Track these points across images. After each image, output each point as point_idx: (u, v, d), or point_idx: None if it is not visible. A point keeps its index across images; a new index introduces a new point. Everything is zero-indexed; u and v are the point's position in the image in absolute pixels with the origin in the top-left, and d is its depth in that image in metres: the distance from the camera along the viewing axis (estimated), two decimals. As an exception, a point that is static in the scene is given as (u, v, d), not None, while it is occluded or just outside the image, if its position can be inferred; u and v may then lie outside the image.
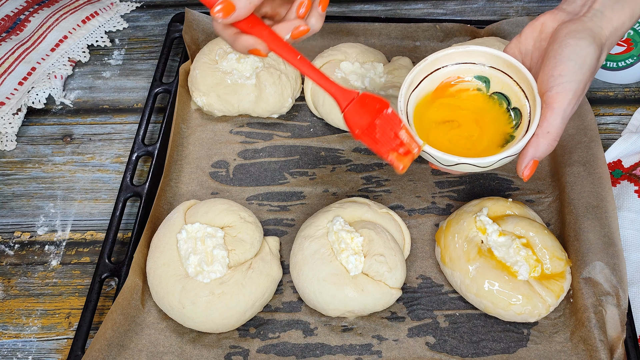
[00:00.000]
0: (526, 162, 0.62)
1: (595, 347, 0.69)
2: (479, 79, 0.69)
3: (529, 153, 0.62)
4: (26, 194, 0.89)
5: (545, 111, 0.61)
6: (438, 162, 0.63)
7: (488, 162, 0.62)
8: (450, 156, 0.61)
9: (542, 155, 0.62)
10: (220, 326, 0.72)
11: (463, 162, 0.62)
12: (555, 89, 0.60)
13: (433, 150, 0.62)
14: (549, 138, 0.61)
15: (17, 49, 1.01)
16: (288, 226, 0.82)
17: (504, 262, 0.73)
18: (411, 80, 0.67)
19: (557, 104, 0.60)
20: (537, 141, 0.61)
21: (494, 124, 0.67)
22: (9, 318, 0.78)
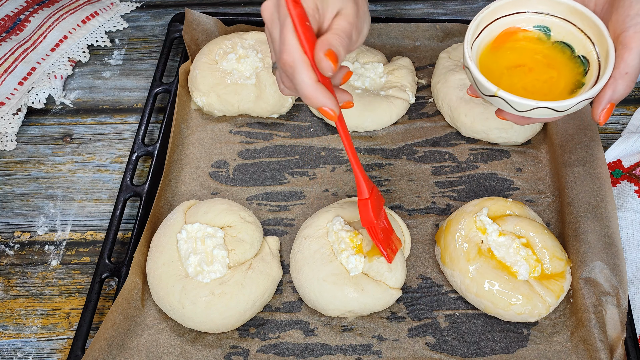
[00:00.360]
0: (603, 105, 0.60)
1: (595, 347, 0.69)
2: (538, 28, 0.67)
3: (607, 96, 0.60)
4: (26, 194, 0.89)
5: (621, 52, 0.60)
6: (513, 107, 0.61)
7: (566, 105, 0.60)
8: (527, 100, 0.60)
9: (619, 98, 0.60)
10: (220, 326, 0.72)
11: (541, 106, 0.60)
12: (633, 29, 0.59)
13: (508, 95, 0.60)
14: (627, 79, 0.59)
15: (17, 49, 1.01)
16: (288, 226, 0.82)
17: (504, 262, 0.73)
18: (475, 27, 0.66)
19: (635, 44, 0.59)
20: (614, 83, 0.60)
21: (561, 71, 0.66)
22: (9, 318, 0.78)
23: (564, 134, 0.84)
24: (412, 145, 0.89)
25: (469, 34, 0.65)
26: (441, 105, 0.90)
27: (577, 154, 0.81)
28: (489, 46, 0.68)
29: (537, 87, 0.65)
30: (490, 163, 0.87)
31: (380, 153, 0.88)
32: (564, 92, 0.64)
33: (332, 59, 0.57)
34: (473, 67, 0.62)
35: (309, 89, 0.59)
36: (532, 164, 0.86)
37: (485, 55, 0.67)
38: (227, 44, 0.93)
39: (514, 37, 0.68)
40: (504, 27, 0.68)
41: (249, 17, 1.01)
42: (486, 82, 0.61)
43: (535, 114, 0.61)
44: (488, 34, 0.67)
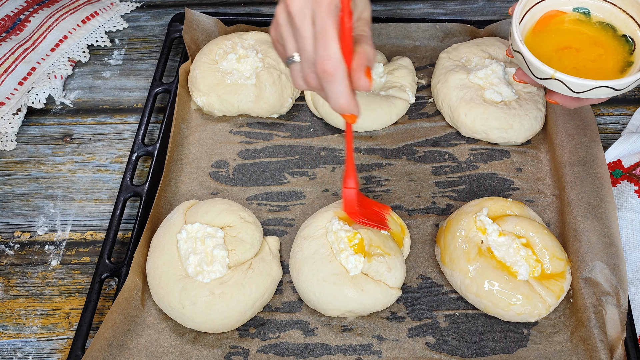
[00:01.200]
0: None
1: (595, 347, 0.69)
2: (577, 11, 0.67)
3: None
4: (26, 194, 0.89)
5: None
6: (570, 89, 0.61)
7: (625, 83, 0.59)
8: (586, 80, 0.59)
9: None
10: (220, 326, 0.72)
11: (600, 86, 0.59)
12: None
13: (566, 77, 0.60)
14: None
15: (17, 49, 1.01)
16: (288, 226, 0.82)
17: (504, 262, 0.73)
18: (520, 11, 0.65)
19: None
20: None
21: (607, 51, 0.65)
22: (9, 318, 0.78)
23: (564, 134, 0.84)
24: (412, 145, 0.89)
25: (515, 16, 0.64)
26: (441, 105, 0.90)
27: (577, 154, 0.81)
28: (532, 30, 0.67)
29: (587, 67, 0.64)
30: (490, 163, 0.87)
31: (380, 153, 0.88)
32: (614, 70, 0.64)
33: (369, 77, 0.57)
34: (525, 50, 0.62)
35: (345, 99, 0.59)
36: (532, 164, 0.86)
37: (529, 39, 0.67)
38: (227, 44, 0.93)
39: (555, 19, 0.68)
40: (545, 11, 0.67)
41: (249, 17, 1.01)
42: (542, 65, 0.61)
43: (593, 94, 0.61)
44: (530, 17, 0.67)
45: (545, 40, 0.67)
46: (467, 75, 0.89)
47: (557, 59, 0.66)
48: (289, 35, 0.61)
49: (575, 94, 0.61)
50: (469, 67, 0.91)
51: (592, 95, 0.61)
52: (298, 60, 0.62)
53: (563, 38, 0.67)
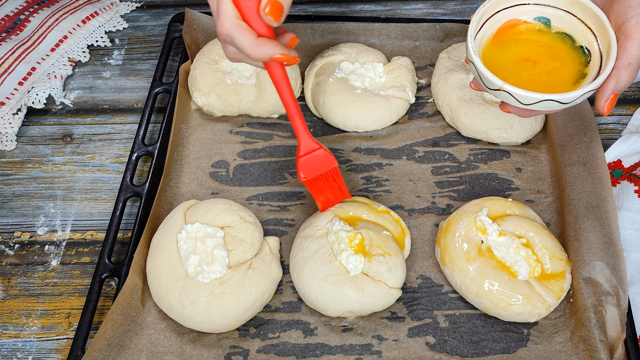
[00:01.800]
0: (607, 96, 0.61)
1: (595, 347, 0.69)
2: (539, 20, 0.67)
3: (610, 87, 0.60)
4: (26, 194, 0.89)
5: (623, 43, 0.60)
6: (517, 101, 0.62)
7: (570, 97, 0.60)
8: (532, 93, 0.60)
9: (622, 88, 0.61)
10: (220, 326, 0.72)
11: (546, 99, 0.60)
12: (635, 19, 0.59)
13: (514, 89, 0.60)
14: (630, 69, 0.60)
15: (17, 49, 1.01)
16: (288, 226, 0.82)
17: (504, 262, 0.73)
18: (477, 21, 0.66)
19: (637, 34, 0.59)
20: (617, 74, 0.60)
21: (563, 62, 0.66)
22: (9, 318, 0.78)
23: (564, 134, 0.84)
24: (412, 145, 0.89)
25: (471, 27, 0.65)
26: (441, 105, 0.90)
27: (577, 154, 0.81)
28: (492, 39, 0.68)
29: (542, 79, 0.65)
30: (490, 163, 0.87)
31: (380, 153, 0.88)
32: (568, 82, 0.64)
33: (273, 12, 0.57)
34: (477, 61, 0.62)
35: (251, 48, 0.60)
36: (532, 164, 0.86)
37: (489, 48, 0.67)
38: (227, 44, 0.93)
39: (515, 29, 0.68)
40: (505, 20, 0.68)
41: (249, 17, 1.01)
42: (491, 76, 0.61)
43: (540, 106, 0.62)
44: (490, 26, 0.67)
45: (504, 50, 0.67)
46: (467, 75, 0.89)
47: (515, 71, 0.66)
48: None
49: (523, 105, 0.62)
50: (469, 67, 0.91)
51: (540, 108, 0.62)
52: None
53: (521, 49, 0.67)
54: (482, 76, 0.62)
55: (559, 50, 0.66)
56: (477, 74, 0.63)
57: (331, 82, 0.89)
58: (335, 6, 1.10)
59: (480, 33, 0.66)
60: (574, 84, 0.64)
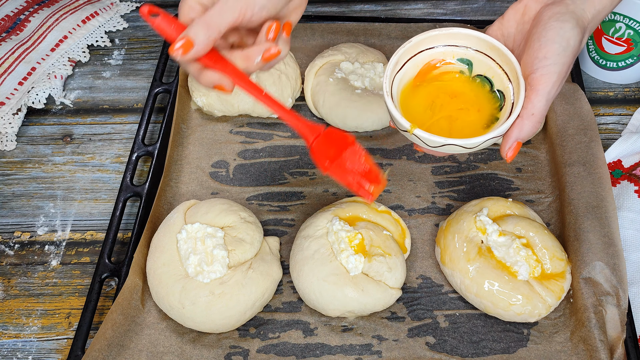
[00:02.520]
0: (510, 143, 0.62)
1: (595, 347, 0.69)
2: (461, 61, 0.69)
3: (513, 135, 0.62)
4: (26, 194, 0.89)
5: (529, 93, 0.61)
6: (425, 143, 0.63)
7: (473, 142, 0.62)
8: (436, 137, 0.61)
9: (525, 137, 0.62)
10: (220, 326, 0.72)
11: (449, 143, 0.61)
12: (540, 71, 0.60)
13: (420, 132, 0.62)
14: (533, 120, 0.61)
15: (17, 49, 1.01)
16: (288, 226, 0.82)
17: (504, 262, 0.73)
18: (396, 62, 0.67)
19: (541, 86, 0.60)
20: (521, 123, 0.61)
21: (479, 106, 0.67)
22: (9, 318, 0.78)
23: (564, 134, 0.84)
24: (412, 145, 0.89)
25: (388, 68, 0.66)
26: (441, 105, 0.90)
27: (577, 154, 0.81)
28: (413, 80, 0.69)
29: (451, 124, 0.67)
30: (490, 163, 0.87)
31: (380, 153, 0.88)
32: (479, 127, 0.65)
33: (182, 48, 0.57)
34: (389, 102, 0.64)
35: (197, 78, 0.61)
36: (532, 164, 0.86)
37: (409, 89, 0.68)
38: (227, 44, 0.93)
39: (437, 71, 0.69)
40: (428, 59, 0.69)
41: (249, 17, 1.01)
42: (401, 119, 0.63)
43: (445, 149, 0.63)
44: (412, 66, 0.68)
45: (421, 94, 0.69)
46: (467, 75, 0.89)
47: (422, 113, 0.67)
48: None
49: (430, 147, 0.64)
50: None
51: (446, 150, 0.63)
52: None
53: (437, 95, 0.68)
54: (393, 117, 0.64)
55: (476, 95, 0.68)
56: (389, 114, 0.64)
57: (331, 82, 0.89)
58: (335, 6, 1.10)
59: (401, 72, 0.67)
60: (485, 128, 0.65)
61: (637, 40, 0.90)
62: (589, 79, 0.98)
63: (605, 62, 0.95)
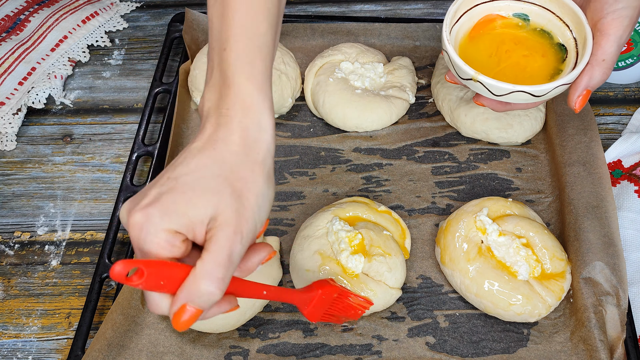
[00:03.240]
0: (579, 91, 0.60)
1: (595, 347, 0.69)
2: (517, 16, 0.67)
3: (583, 82, 0.60)
4: (26, 194, 0.89)
5: (599, 39, 0.59)
6: (490, 92, 0.61)
7: (544, 89, 0.60)
8: (504, 84, 0.60)
9: (596, 85, 0.60)
10: (220, 326, 0.72)
11: (518, 90, 0.60)
12: (611, 16, 0.59)
13: (486, 79, 0.60)
14: (604, 66, 0.59)
15: (17, 49, 1.01)
16: (288, 226, 0.82)
17: (504, 262, 0.73)
18: (454, 12, 0.65)
19: (612, 30, 0.59)
20: (591, 70, 0.60)
21: (540, 58, 0.66)
22: (9, 318, 0.78)
23: (564, 134, 0.84)
24: (412, 145, 0.89)
25: (447, 18, 0.65)
26: (441, 105, 0.90)
27: (577, 154, 0.81)
28: (469, 33, 0.67)
29: (517, 73, 0.65)
30: (490, 163, 0.87)
31: (380, 153, 0.88)
32: (543, 77, 0.64)
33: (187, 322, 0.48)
34: (451, 50, 0.62)
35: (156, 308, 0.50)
36: (532, 164, 0.86)
37: (466, 41, 0.67)
38: (227, 44, 0.93)
39: (493, 24, 0.68)
40: (483, 14, 0.67)
41: (249, 17, 1.01)
42: (464, 66, 0.61)
43: (513, 98, 0.61)
44: (468, 19, 0.67)
45: (481, 43, 0.67)
46: (467, 75, 0.89)
47: (488, 63, 0.66)
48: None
49: (495, 96, 0.62)
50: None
51: (513, 100, 0.62)
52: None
53: (499, 42, 0.67)
54: (455, 65, 0.62)
55: (537, 46, 0.66)
56: (451, 63, 0.63)
57: (331, 82, 0.89)
58: (335, 6, 1.10)
59: (457, 25, 0.66)
60: (549, 79, 0.64)
61: (637, 40, 0.90)
62: (589, 79, 0.98)
63: (608, 62, 0.95)
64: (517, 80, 0.64)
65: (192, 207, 0.48)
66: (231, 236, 0.47)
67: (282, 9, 0.58)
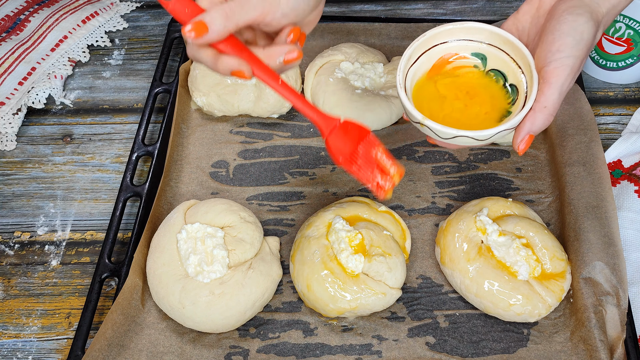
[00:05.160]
0: (522, 135, 0.62)
1: (595, 347, 0.69)
2: (476, 55, 0.68)
3: (526, 127, 0.62)
4: (26, 194, 0.89)
5: (542, 86, 0.61)
6: (436, 135, 0.63)
7: (486, 134, 0.61)
8: (449, 129, 0.61)
9: (538, 130, 0.62)
10: (220, 326, 0.72)
11: (461, 135, 0.61)
12: (554, 64, 0.60)
13: (432, 123, 0.62)
14: (546, 112, 0.61)
15: (17, 49, 1.01)
16: (288, 226, 0.82)
17: (504, 262, 0.73)
18: (409, 55, 0.67)
19: (554, 79, 0.60)
20: (534, 116, 0.61)
21: (492, 100, 0.67)
22: (9, 318, 0.78)
23: (564, 134, 0.84)
24: (412, 145, 0.89)
25: (402, 61, 0.66)
26: (441, 105, 0.90)
27: (577, 154, 0.81)
28: (426, 75, 0.69)
29: (468, 116, 0.67)
30: (490, 163, 0.87)
31: (380, 153, 0.88)
32: (492, 120, 0.66)
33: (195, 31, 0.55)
34: (402, 94, 0.64)
35: (211, 65, 0.59)
36: (532, 164, 0.86)
37: (420, 84, 0.68)
38: (227, 44, 0.93)
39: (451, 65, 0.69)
40: (442, 53, 0.69)
41: (249, 17, 1.01)
42: (413, 110, 0.63)
43: (458, 141, 0.63)
44: (426, 60, 0.68)
45: (433, 86, 0.69)
46: (467, 75, 0.89)
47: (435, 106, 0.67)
48: None
49: (442, 139, 0.64)
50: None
51: (458, 142, 0.63)
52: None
53: (446, 87, 0.68)
54: (406, 109, 0.64)
55: (486, 90, 0.68)
56: (403, 105, 0.64)
57: (331, 82, 0.89)
58: (335, 6, 1.10)
59: (415, 66, 0.67)
60: (498, 121, 0.65)
61: (637, 40, 0.90)
62: (589, 79, 0.98)
63: (605, 62, 0.95)
64: (466, 123, 0.65)
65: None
66: None
67: None
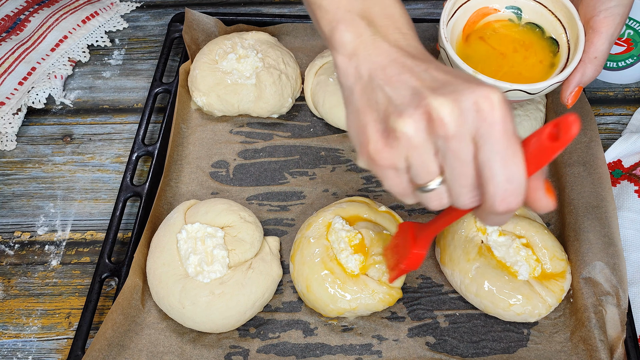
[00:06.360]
0: (572, 88, 0.62)
1: (595, 347, 0.69)
2: (510, 8, 0.68)
3: (575, 79, 0.61)
4: (26, 194, 0.89)
5: (591, 36, 0.60)
6: None
7: (538, 88, 0.61)
8: (501, 83, 0.60)
9: (587, 81, 0.61)
10: (220, 326, 0.72)
11: (514, 89, 0.61)
12: (604, 14, 0.59)
13: (484, 78, 0.61)
14: (596, 63, 0.60)
15: (17, 49, 1.01)
16: (288, 226, 0.82)
17: (504, 262, 0.73)
18: (450, 7, 0.66)
19: (605, 28, 0.59)
20: (583, 67, 0.61)
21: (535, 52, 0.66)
22: (9, 318, 0.78)
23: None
24: (412, 145, 0.89)
25: (444, 14, 0.65)
26: (441, 105, 0.90)
27: (577, 154, 0.81)
28: (464, 29, 0.68)
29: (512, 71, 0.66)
30: (490, 163, 0.87)
31: (380, 153, 0.88)
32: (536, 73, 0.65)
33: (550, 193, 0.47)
34: (449, 48, 0.63)
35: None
36: (532, 164, 0.86)
37: (461, 43, 0.68)
38: (227, 44, 0.93)
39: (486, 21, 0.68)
40: (477, 7, 0.68)
41: (249, 17, 1.01)
42: (463, 65, 0.61)
43: (509, 96, 0.62)
44: (462, 14, 0.68)
45: (475, 44, 0.68)
46: (467, 75, 0.89)
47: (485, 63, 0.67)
48: (429, 158, 0.48)
49: None
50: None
51: (510, 97, 0.63)
52: (436, 187, 0.50)
53: (492, 42, 0.68)
54: (454, 64, 0.62)
55: (529, 41, 0.67)
56: (449, 62, 0.63)
57: (331, 82, 0.89)
58: (335, 6, 1.09)
59: (452, 20, 0.67)
60: (542, 75, 0.64)
61: (637, 40, 0.90)
62: (589, 79, 0.98)
63: (606, 62, 0.95)
64: (512, 77, 0.65)
65: None
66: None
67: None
